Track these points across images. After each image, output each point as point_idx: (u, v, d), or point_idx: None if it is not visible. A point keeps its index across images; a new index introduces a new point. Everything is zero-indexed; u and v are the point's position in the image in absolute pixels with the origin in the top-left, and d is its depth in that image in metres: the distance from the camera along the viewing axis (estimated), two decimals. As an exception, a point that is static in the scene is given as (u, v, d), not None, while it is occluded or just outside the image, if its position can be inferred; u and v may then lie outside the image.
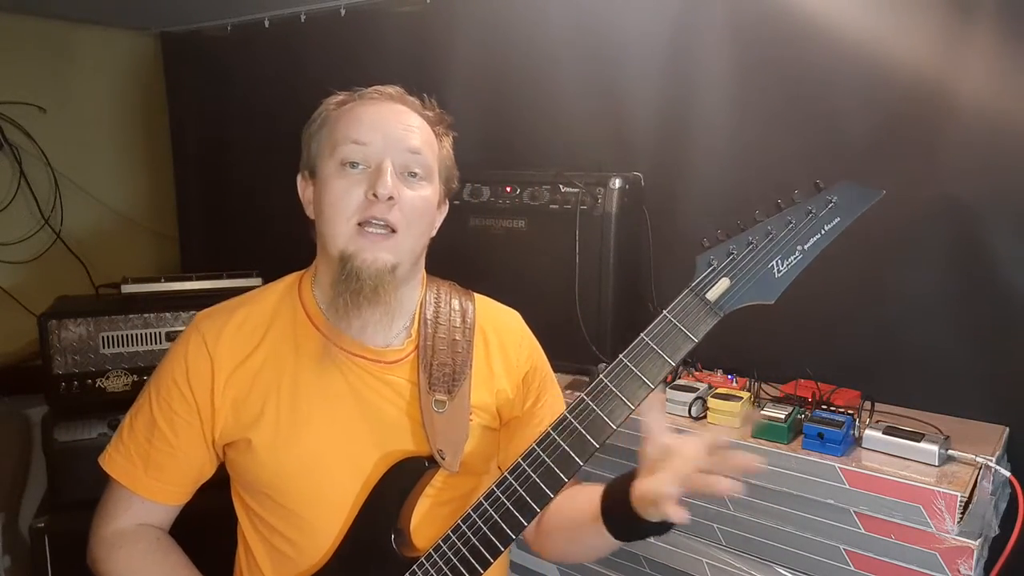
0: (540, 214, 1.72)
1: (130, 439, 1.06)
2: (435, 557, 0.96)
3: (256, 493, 1.04)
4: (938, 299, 1.49)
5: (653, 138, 1.83)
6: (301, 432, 1.00)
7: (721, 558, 1.41)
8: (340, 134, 1.00)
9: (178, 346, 1.06)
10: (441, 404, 1.03)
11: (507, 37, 2.01)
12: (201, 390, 1.02)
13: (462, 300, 1.14)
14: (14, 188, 2.54)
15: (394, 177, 0.97)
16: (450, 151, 1.10)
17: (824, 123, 1.58)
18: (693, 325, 0.92)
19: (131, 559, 1.03)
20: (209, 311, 1.08)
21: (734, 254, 0.92)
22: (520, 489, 0.92)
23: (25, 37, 2.56)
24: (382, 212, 0.96)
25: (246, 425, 1.01)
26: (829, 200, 0.91)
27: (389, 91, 1.06)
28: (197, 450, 1.04)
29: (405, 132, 1.01)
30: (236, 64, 2.70)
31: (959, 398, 1.47)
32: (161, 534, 1.08)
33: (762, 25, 1.63)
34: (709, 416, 1.47)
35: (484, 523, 0.94)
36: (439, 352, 1.06)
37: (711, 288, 0.92)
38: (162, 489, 1.05)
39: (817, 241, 0.91)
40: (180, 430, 1.03)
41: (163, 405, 1.04)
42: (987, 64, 1.38)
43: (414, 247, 1.02)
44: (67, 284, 2.59)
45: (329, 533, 1.00)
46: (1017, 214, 1.39)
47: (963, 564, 1.17)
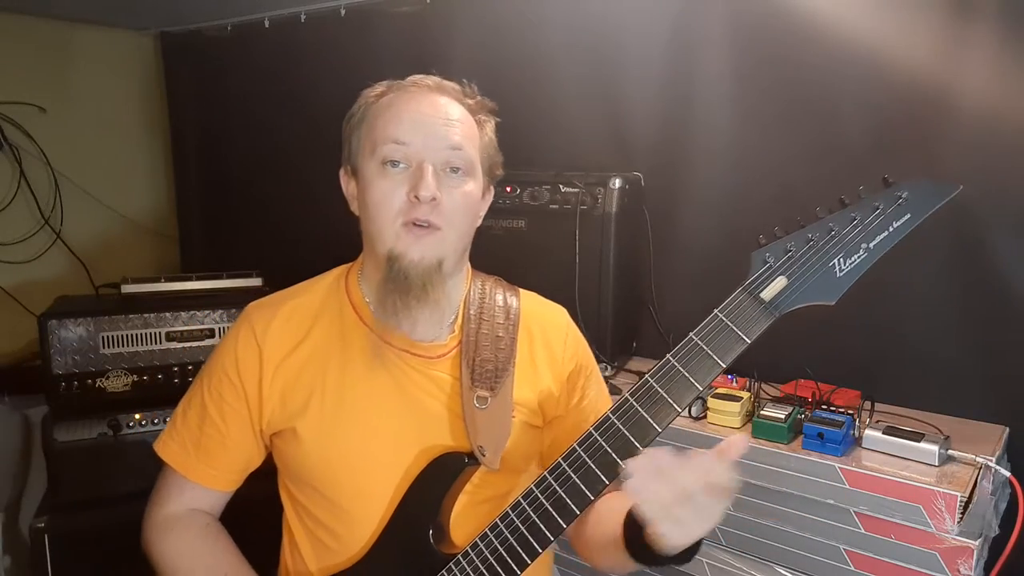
0: (540, 214, 1.73)
1: (183, 426, 1.09)
2: (472, 555, 0.95)
3: (301, 484, 1.05)
4: (938, 299, 1.49)
5: (653, 138, 1.83)
6: (345, 424, 1.02)
7: (721, 558, 1.42)
8: (380, 132, 0.99)
9: (229, 336, 1.08)
10: (483, 400, 1.02)
11: (507, 37, 2.01)
12: (250, 379, 1.04)
13: (507, 295, 1.13)
14: (14, 188, 2.54)
15: (435, 176, 0.97)
16: (492, 137, 1.08)
17: (824, 123, 1.58)
18: (746, 325, 0.87)
19: (180, 543, 1.05)
20: (260, 302, 1.10)
21: (792, 251, 0.88)
22: (560, 490, 0.90)
23: (25, 37, 2.56)
24: (425, 213, 0.96)
25: (292, 415, 1.02)
26: (898, 196, 0.86)
27: (428, 82, 1.04)
28: (246, 438, 1.06)
29: (445, 128, 0.99)
30: (236, 64, 2.70)
31: (959, 398, 1.47)
32: (211, 520, 1.09)
33: (762, 25, 1.63)
34: (709, 416, 1.47)
35: (522, 523, 0.92)
36: (482, 348, 1.05)
37: (766, 287, 0.87)
38: (212, 475, 1.07)
39: (884, 239, 0.86)
40: (230, 418, 1.05)
41: (214, 394, 1.06)
42: (986, 66, 1.38)
43: (459, 241, 1.02)
44: (67, 284, 2.59)
45: (369, 525, 1.01)
46: (1017, 214, 1.39)
47: (963, 564, 1.17)
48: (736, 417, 1.44)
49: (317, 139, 2.50)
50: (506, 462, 1.02)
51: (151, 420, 1.83)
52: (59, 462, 1.74)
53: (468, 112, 1.04)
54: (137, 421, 1.81)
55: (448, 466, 1.00)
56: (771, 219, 0.92)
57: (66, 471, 1.75)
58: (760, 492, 1.37)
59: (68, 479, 1.75)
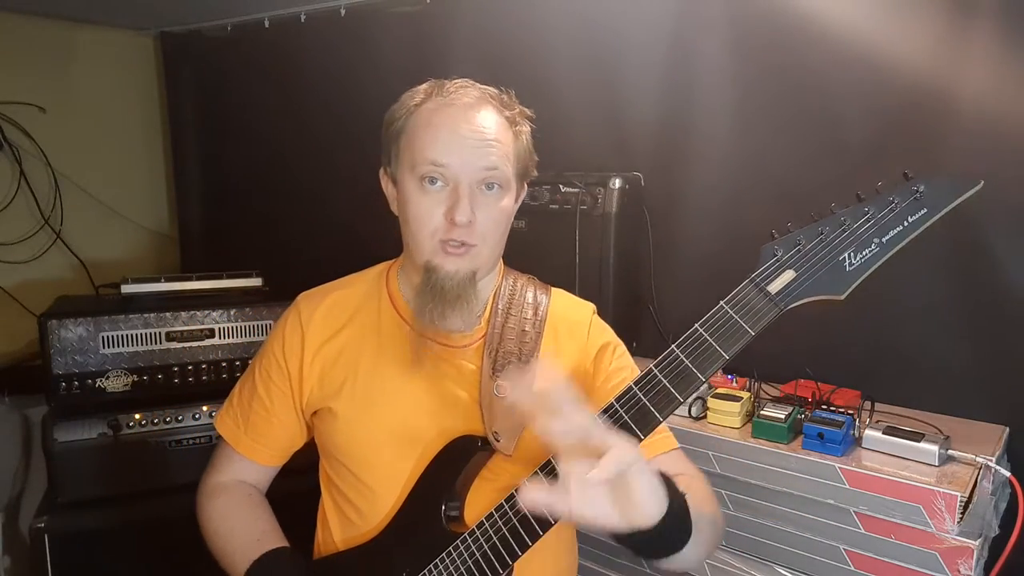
0: (540, 214, 1.72)
1: (238, 403, 1.19)
2: (477, 533, 0.99)
3: (333, 461, 1.13)
4: (938, 299, 1.49)
5: (653, 139, 1.83)
6: (374, 407, 1.09)
7: (721, 558, 1.42)
8: (418, 151, 1.02)
9: (280, 322, 1.18)
10: (503, 389, 1.07)
11: (507, 37, 2.01)
12: (293, 361, 1.13)
13: (537, 293, 1.17)
14: (14, 188, 2.54)
15: (471, 198, 1.01)
16: (528, 142, 1.10)
17: (823, 123, 1.58)
18: (751, 317, 0.86)
19: (225, 507, 1.15)
20: (309, 292, 1.20)
21: (801, 245, 0.87)
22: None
23: (25, 37, 2.56)
24: (460, 235, 1.01)
25: (328, 395, 1.11)
26: (915, 190, 0.85)
27: (467, 98, 1.04)
28: (289, 416, 1.15)
29: (483, 149, 1.02)
30: (236, 64, 2.70)
31: (959, 398, 1.47)
32: (254, 491, 1.18)
33: (762, 26, 1.63)
34: (709, 416, 1.47)
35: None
36: (507, 341, 1.11)
37: (774, 280, 0.87)
38: (259, 450, 1.16)
39: (898, 234, 0.85)
40: (275, 398, 1.15)
41: (263, 374, 1.16)
42: (986, 67, 1.38)
43: (492, 252, 1.08)
44: (67, 284, 2.60)
45: (388, 502, 1.08)
46: (1016, 214, 1.39)
47: (963, 564, 1.17)
48: (736, 417, 1.44)
49: (317, 138, 2.51)
50: (524, 450, 1.05)
51: (151, 420, 1.83)
52: (59, 462, 1.74)
53: (507, 123, 1.06)
54: (137, 421, 1.81)
55: (462, 449, 1.06)
56: (771, 219, 0.92)
57: (66, 471, 1.74)
58: (760, 492, 1.37)
59: (68, 479, 1.75)
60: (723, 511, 1.41)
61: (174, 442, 1.84)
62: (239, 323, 1.95)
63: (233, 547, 1.10)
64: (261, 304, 1.98)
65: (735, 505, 1.40)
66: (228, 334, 1.94)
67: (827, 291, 0.86)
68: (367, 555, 1.07)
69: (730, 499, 1.41)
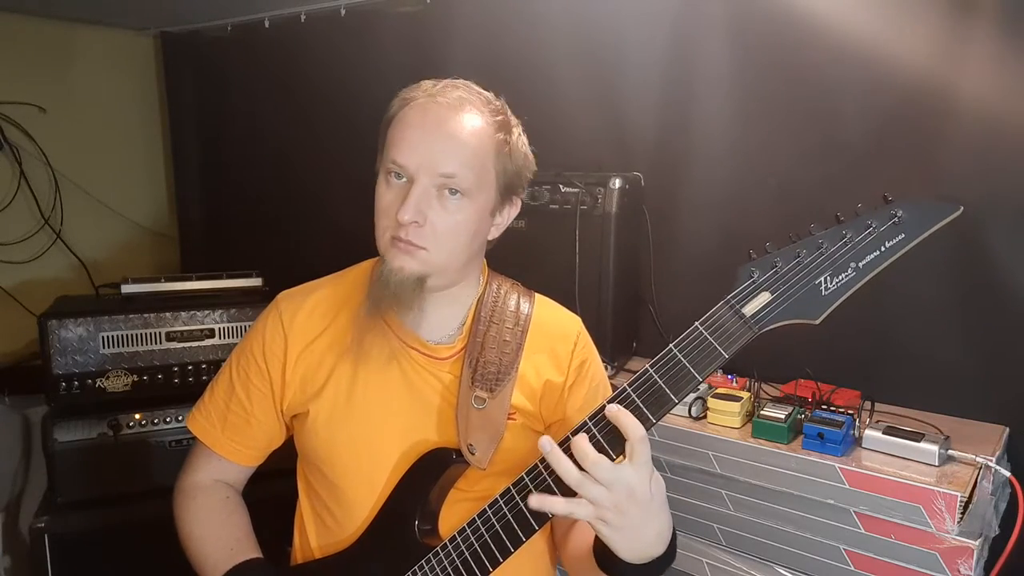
0: (540, 214, 1.72)
1: (211, 402, 1.16)
2: (449, 548, 0.98)
3: (310, 464, 1.11)
4: (938, 299, 1.49)
5: (653, 138, 1.83)
6: (354, 412, 1.07)
7: (721, 558, 1.42)
8: (390, 143, 1.02)
9: (259, 322, 1.15)
10: (481, 401, 1.05)
11: (507, 37, 2.01)
12: (275, 364, 1.10)
13: (520, 300, 1.14)
14: (14, 188, 2.54)
15: (427, 197, 0.98)
16: (520, 150, 1.07)
17: (823, 124, 1.58)
18: (725, 340, 0.86)
19: (199, 510, 1.13)
20: (290, 292, 1.16)
21: (778, 267, 0.86)
22: (535, 490, 0.90)
23: (25, 37, 2.56)
24: (406, 234, 0.99)
25: (309, 398, 1.08)
26: (893, 214, 0.84)
27: (448, 99, 1.01)
28: (268, 417, 1.13)
29: (445, 153, 0.98)
30: (236, 64, 2.70)
31: (959, 398, 1.47)
32: (232, 493, 1.16)
33: (762, 26, 1.63)
34: (709, 416, 1.47)
35: (497, 520, 0.94)
36: (487, 350, 1.08)
37: (749, 302, 0.86)
38: (237, 450, 1.14)
39: (875, 258, 0.84)
40: (255, 398, 1.12)
41: (241, 374, 1.13)
42: (986, 67, 1.38)
43: (448, 261, 1.03)
44: (67, 284, 2.60)
45: (363, 510, 1.06)
46: (1016, 214, 1.39)
47: (963, 564, 1.17)
48: (736, 417, 1.44)
49: (317, 139, 2.51)
50: (500, 463, 1.04)
51: (151, 420, 1.83)
52: (59, 462, 1.75)
53: (491, 128, 1.02)
54: (137, 421, 1.81)
55: (435, 461, 1.04)
56: (771, 219, 0.92)
57: (66, 471, 1.75)
58: (760, 492, 1.37)
59: (68, 479, 1.75)
60: (723, 511, 1.41)
61: (174, 442, 1.84)
62: (239, 323, 1.95)
63: (206, 553, 1.08)
64: (261, 304, 1.96)
65: (735, 505, 1.40)
66: (228, 334, 1.95)
67: (802, 315, 0.86)
68: (339, 567, 1.05)
69: (730, 499, 1.41)
